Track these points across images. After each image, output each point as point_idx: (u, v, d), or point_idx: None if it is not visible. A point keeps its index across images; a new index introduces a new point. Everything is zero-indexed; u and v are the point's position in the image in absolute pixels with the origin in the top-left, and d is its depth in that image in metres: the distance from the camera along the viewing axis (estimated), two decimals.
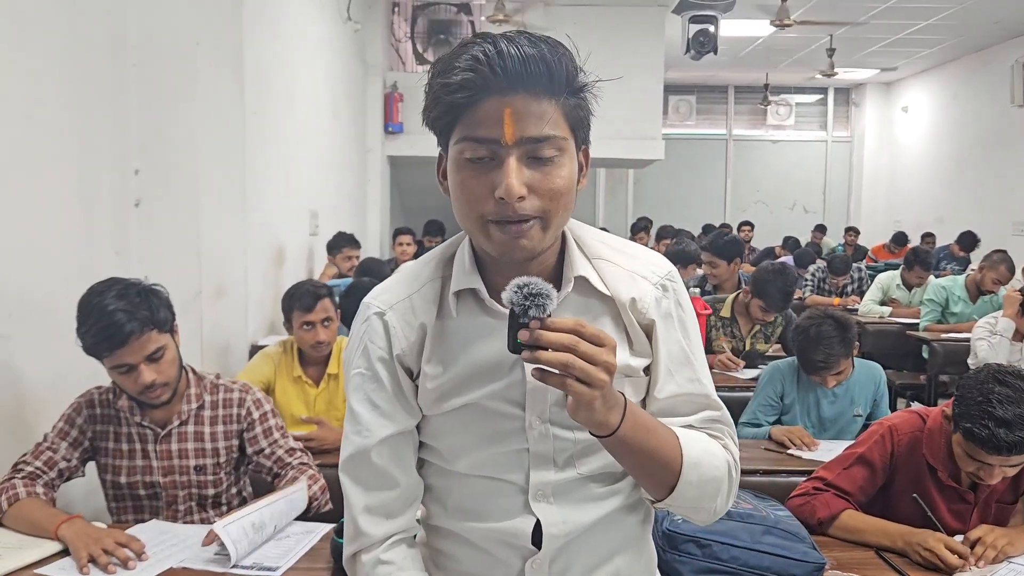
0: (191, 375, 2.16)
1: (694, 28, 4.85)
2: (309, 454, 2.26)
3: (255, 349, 3.93)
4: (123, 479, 2.10)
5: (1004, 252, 7.79)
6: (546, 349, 0.92)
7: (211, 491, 2.15)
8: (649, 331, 1.13)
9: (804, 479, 2.17)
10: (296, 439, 2.31)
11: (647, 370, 1.14)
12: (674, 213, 11.40)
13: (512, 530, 1.13)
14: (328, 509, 2.16)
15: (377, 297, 1.16)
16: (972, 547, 1.87)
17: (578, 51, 1.03)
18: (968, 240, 9.14)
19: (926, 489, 2.05)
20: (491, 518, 1.13)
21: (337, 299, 3.15)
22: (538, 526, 1.12)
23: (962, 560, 1.83)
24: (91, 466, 2.15)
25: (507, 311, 1.04)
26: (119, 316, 1.89)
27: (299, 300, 2.96)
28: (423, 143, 8.36)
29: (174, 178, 3.08)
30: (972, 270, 7.63)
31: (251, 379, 2.85)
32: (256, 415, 2.19)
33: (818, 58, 10.24)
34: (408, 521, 1.16)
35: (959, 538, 1.91)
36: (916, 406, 2.50)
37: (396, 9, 8.76)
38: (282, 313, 3.07)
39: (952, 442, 1.99)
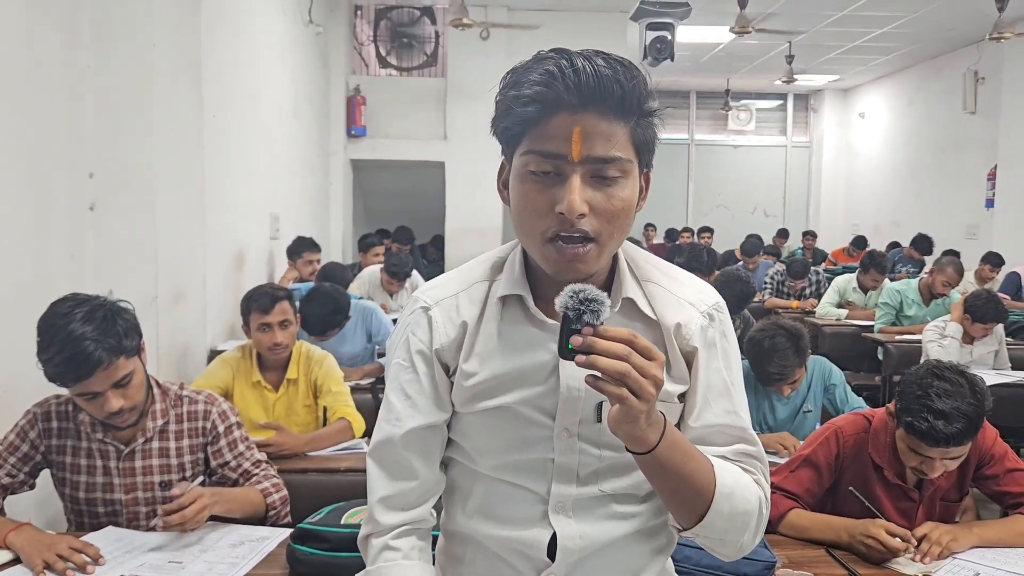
0: (156, 389, 2.10)
1: (651, 35, 4.90)
2: (274, 466, 2.24)
3: (214, 354, 3.90)
4: (81, 495, 2.05)
5: (953, 255, 8.01)
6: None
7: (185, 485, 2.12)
8: (690, 358, 1.13)
9: None
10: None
11: (681, 397, 1.14)
12: (638, 217, 11.44)
13: (528, 539, 1.13)
14: (287, 522, 2.15)
15: (427, 292, 1.17)
16: (918, 544, 1.92)
17: (650, 75, 1.05)
18: (923, 243, 9.33)
19: (873, 488, 2.10)
20: (509, 524, 1.14)
21: (297, 303, 3.13)
22: (554, 539, 1.12)
23: (904, 544, 1.88)
24: (45, 475, 2.11)
25: (550, 321, 1.06)
26: (86, 345, 1.81)
27: (257, 301, 2.94)
28: (386, 146, 8.42)
29: (130, 182, 3.05)
30: (926, 274, 7.82)
31: (208, 385, 2.82)
32: (221, 428, 2.15)
33: (777, 64, 10.39)
34: (422, 514, 1.17)
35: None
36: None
37: (358, 12, 8.73)
38: (241, 316, 3.05)
39: (896, 438, 2.04)
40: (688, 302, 1.14)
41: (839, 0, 7.84)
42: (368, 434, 2.94)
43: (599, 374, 0.94)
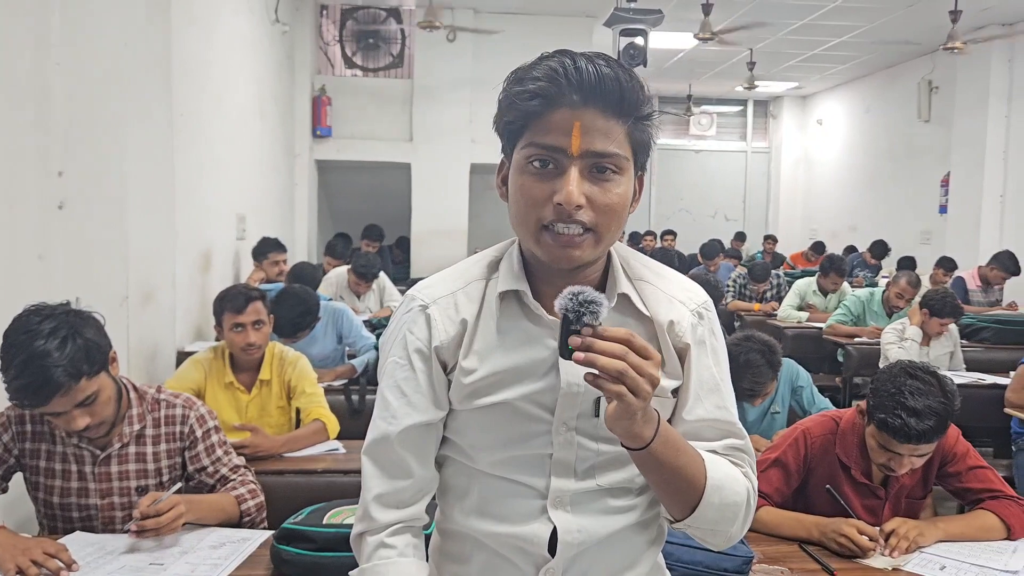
0: (132, 394, 2.07)
1: (624, 41, 4.97)
2: (252, 471, 2.23)
3: (182, 356, 3.86)
4: (55, 499, 2.02)
5: (908, 261, 8.21)
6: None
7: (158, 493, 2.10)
8: (682, 355, 1.16)
9: None
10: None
11: (675, 392, 1.17)
12: None
13: (529, 535, 1.14)
14: (263, 527, 2.14)
15: (423, 290, 1.18)
16: (886, 539, 1.98)
17: (645, 82, 1.08)
18: (879, 248, 9.58)
19: (841, 487, 2.16)
20: (508, 521, 1.15)
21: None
22: (554, 534, 1.13)
23: (873, 543, 1.95)
24: (16, 477, 2.07)
25: (548, 317, 1.09)
26: (45, 370, 1.76)
27: (230, 301, 2.92)
28: (352, 147, 8.37)
29: (100, 180, 3.00)
30: (884, 277, 8.01)
31: (180, 386, 2.80)
32: (199, 432, 2.13)
33: (738, 71, 10.56)
34: (417, 512, 1.17)
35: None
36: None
37: (324, 12, 8.68)
38: (213, 317, 3.03)
39: (866, 435, 2.11)
40: (679, 300, 1.17)
41: (800, 9, 8.00)
42: (343, 436, 2.94)
43: (597, 372, 0.96)
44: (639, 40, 5.00)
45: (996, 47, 8.26)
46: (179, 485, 2.08)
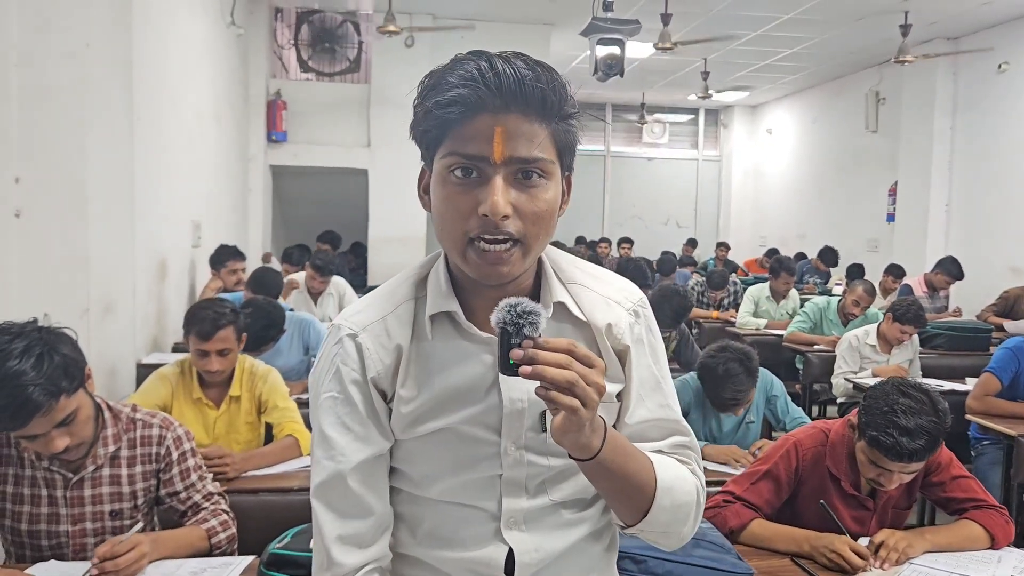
0: (107, 414, 1.99)
1: (602, 51, 4.98)
2: (227, 499, 2.14)
3: (141, 368, 3.73)
4: (23, 526, 1.92)
5: (857, 268, 8.40)
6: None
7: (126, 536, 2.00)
8: (623, 357, 1.14)
9: (715, 491, 2.25)
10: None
11: (619, 396, 1.14)
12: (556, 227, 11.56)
13: (484, 559, 1.10)
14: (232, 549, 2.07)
15: (349, 319, 1.12)
16: (876, 550, 1.99)
17: (568, 81, 1.03)
18: (829, 255, 9.77)
19: (830, 498, 2.16)
20: (462, 546, 1.11)
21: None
22: (510, 555, 1.10)
23: (864, 561, 1.95)
24: None
25: (483, 335, 1.04)
26: (22, 390, 1.68)
27: (197, 325, 2.76)
28: (308, 152, 8.24)
29: (59, 187, 2.88)
30: (838, 284, 8.17)
31: (145, 403, 2.68)
32: (175, 455, 2.05)
33: (691, 80, 10.70)
34: (381, 550, 1.12)
35: (863, 541, 2.04)
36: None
37: (279, 15, 8.53)
38: (169, 328, 2.91)
39: (856, 450, 2.12)
40: (614, 301, 1.14)
41: (754, 21, 8.14)
42: None
43: (546, 386, 0.92)
44: (616, 50, 5.01)
45: (941, 60, 8.50)
46: (140, 524, 1.99)
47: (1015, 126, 7.94)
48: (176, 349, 4.61)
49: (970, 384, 4.16)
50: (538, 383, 0.92)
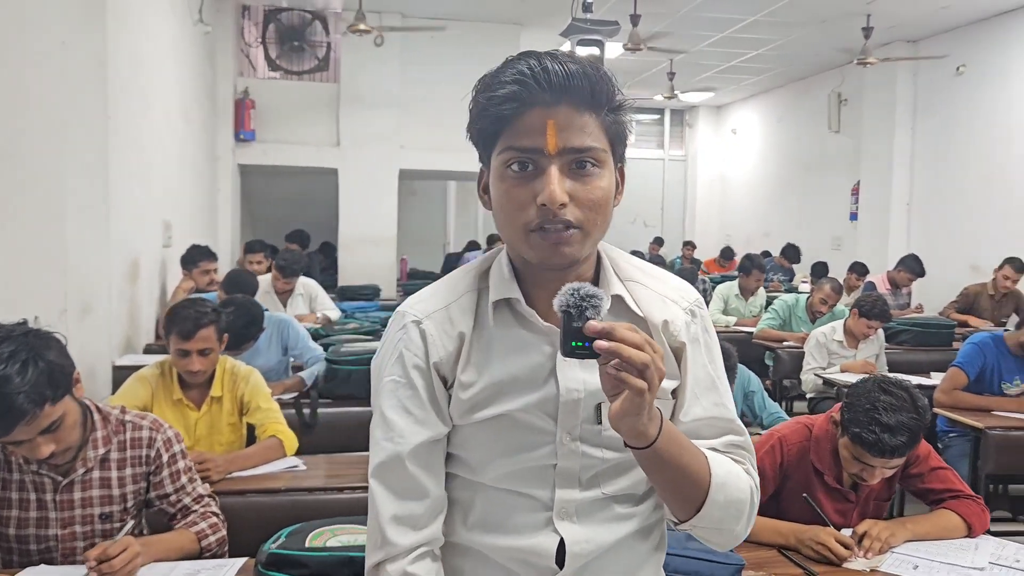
0: (96, 416, 1.96)
1: (582, 52, 5.02)
2: (217, 501, 2.13)
3: (117, 370, 3.68)
4: (11, 531, 1.89)
5: (822, 273, 8.56)
6: (595, 351, 0.94)
7: (115, 539, 1.98)
8: (679, 354, 1.16)
9: None
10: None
11: (673, 393, 1.16)
12: None
13: (535, 548, 1.12)
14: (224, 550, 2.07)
15: (414, 306, 1.16)
16: (860, 541, 2.05)
17: (613, 75, 1.07)
18: (792, 253, 9.96)
19: (814, 492, 2.22)
20: (514, 533, 1.13)
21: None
22: (561, 545, 1.12)
23: (849, 551, 2.01)
24: None
25: (545, 324, 1.07)
26: (9, 397, 1.64)
27: (179, 324, 2.73)
28: (276, 151, 8.17)
29: (37, 186, 2.82)
30: (804, 281, 8.31)
31: (125, 404, 2.65)
32: (165, 457, 2.03)
33: (657, 81, 10.80)
34: (434, 533, 1.14)
35: (846, 532, 2.09)
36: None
37: (246, 13, 8.44)
38: (163, 328, 2.88)
39: (840, 446, 2.17)
40: (671, 299, 1.17)
41: (721, 23, 8.24)
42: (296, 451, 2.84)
43: (618, 365, 0.94)
44: (595, 51, 5.05)
45: (901, 62, 8.69)
46: (131, 524, 1.98)
47: (973, 127, 8.15)
48: (148, 350, 4.55)
49: (935, 379, 4.27)
50: (591, 373, 0.95)
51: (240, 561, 1.92)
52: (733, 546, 1.17)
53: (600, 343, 0.93)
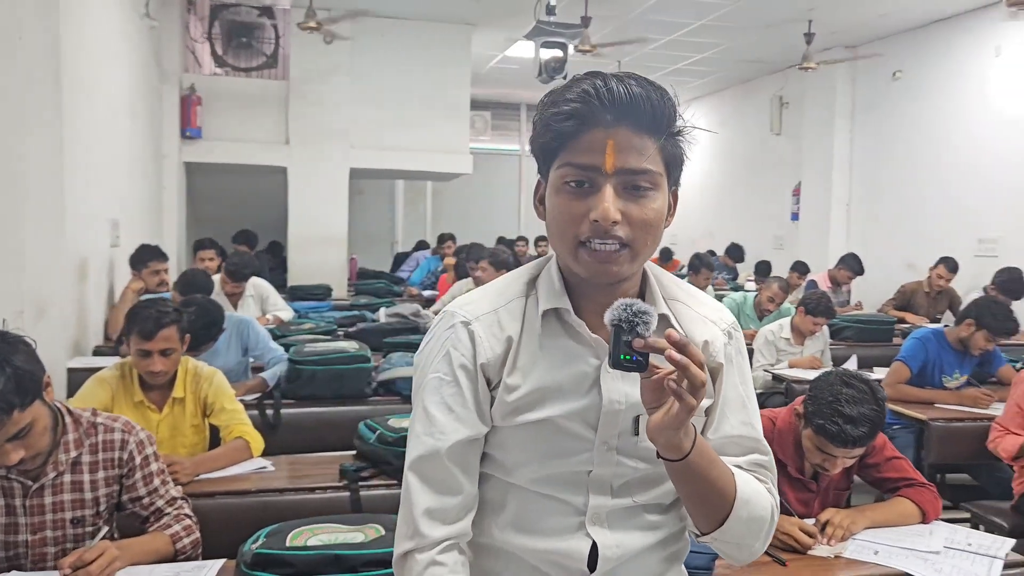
0: (67, 419, 1.93)
1: (547, 53, 5.06)
2: (189, 503, 2.12)
3: (70, 373, 3.60)
4: None
5: (765, 272, 8.78)
6: (646, 365, 0.99)
7: (87, 543, 1.94)
8: (715, 374, 1.20)
9: None
10: None
11: (707, 411, 1.20)
12: (472, 226, 11.64)
13: (568, 550, 1.16)
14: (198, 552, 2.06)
15: (463, 308, 1.19)
16: (822, 529, 2.13)
17: (676, 97, 1.11)
18: (736, 252, 10.18)
19: (777, 483, 2.29)
20: (547, 536, 1.16)
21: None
22: (592, 549, 1.16)
23: (813, 539, 2.09)
24: None
25: (592, 335, 1.12)
26: None
27: (140, 324, 2.68)
28: (224, 149, 8.05)
29: None
30: (750, 280, 8.50)
31: (85, 407, 2.60)
32: (138, 459, 2.01)
33: None
34: (463, 528, 1.17)
35: (809, 521, 2.17)
36: None
37: (191, 8, 8.27)
38: (124, 329, 2.83)
39: (803, 437, 2.26)
40: (711, 320, 1.22)
41: (668, 26, 8.38)
42: (267, 452, 2.82)
43: (677, 379, 0.99)
44: (558, 52, 5.11)
45: (840, 67, 8.96)
46: (106, 530, 1.95)
47: (909, 131, 8.45)
48: (97, 352, 4.44)
49: (878, 373, 4.43)
50: (632, 386, 1.00)
51: (219, 563, 1.91)
52: (749, 561, 1.22)
53: (673, 354, 0.98)
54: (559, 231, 1.11)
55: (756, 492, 1.18)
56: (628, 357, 1.00)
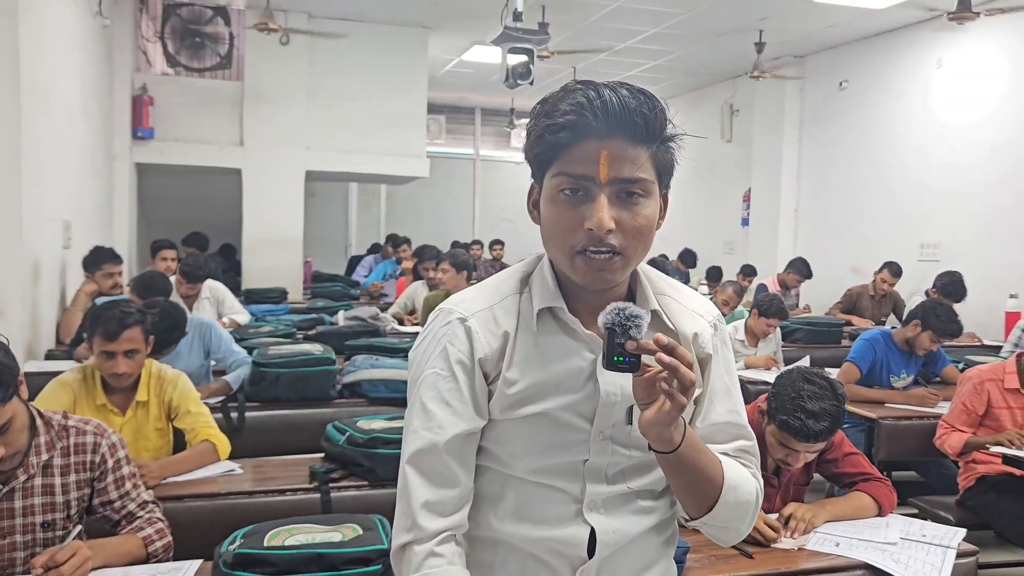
0: (38, 421, 1.92)
1: (513, 59, 5.11)
2: (160, 506, 2.10)
3: (26, 377, 3.51)
4: None
5: (716, 276, 8.95)
6: (638, 365, 1.04)
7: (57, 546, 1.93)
8: (703, 365, 1.25)
9: None
10: None
11: (695, 400, 1.25)
12: (426, 229, 11.63)
13: (568, 538, 1.20)
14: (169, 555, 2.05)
15: (458, 305, 1.22)
16: (785, 523, 2.21)
17: (666, 104, 1.15)
18: (688, 256, 10.35)
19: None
20: (547, 524, 1.20)
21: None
22: (591, 535, 1.20)
23: (776, 533, 2.16)
24: None
25: (587, 332, 1.16)
26: None
27: (103, 325, 2.65)
28: (176, 150, 7.93)
29: None
30: (703, 284, 8.65)
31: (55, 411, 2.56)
32: (110, 463, 2.00)
33: (559, 87, 11.00)
34: (460, 520, 1.20)
35: (772, 516, 2.25)
36: None
37: (143, 7, 8.13)
38: (86, 331, 2.79)
39: (766, 433, 2.33)
40: (698, 314, 1.27)
41: (623, 34, 8.51)
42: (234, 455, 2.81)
43: (668, 379, 1.04)
44: (524, 58, 5.16)
45: (790, 78, 9.19)
46: (78, 529, 1.94)
47: (855, 139, 8.70)
48: (49, 356, 4.35)
49: (829, 374, 4.56)
50: (626, 379, 1.04)
51: (196, 564, 1.91)
52: (736, 542, 1.29)
53: (663, 357, 1.03)
54: (555, 239, 1.15)
55: (742, 477, 1.23)
56: (621, 358, 1.05)
